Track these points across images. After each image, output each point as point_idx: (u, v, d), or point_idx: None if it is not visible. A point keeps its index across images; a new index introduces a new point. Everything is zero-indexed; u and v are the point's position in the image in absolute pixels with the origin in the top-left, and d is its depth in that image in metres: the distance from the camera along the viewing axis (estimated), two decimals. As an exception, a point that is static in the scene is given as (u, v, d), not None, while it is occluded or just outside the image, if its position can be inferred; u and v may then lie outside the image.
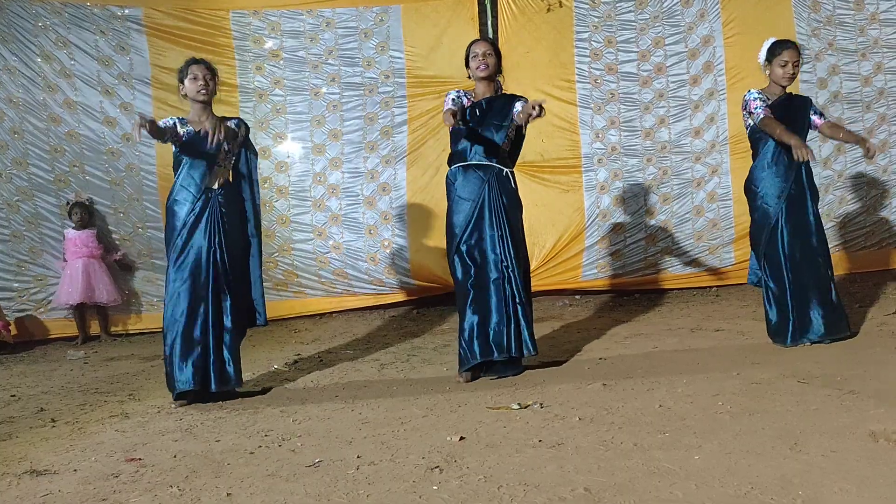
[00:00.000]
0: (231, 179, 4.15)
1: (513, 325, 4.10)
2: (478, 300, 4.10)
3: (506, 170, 4.21)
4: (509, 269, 4.12)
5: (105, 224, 6.29)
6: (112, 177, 6.28)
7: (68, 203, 6.11)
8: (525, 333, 4.12)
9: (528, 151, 6.56)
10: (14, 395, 4.36)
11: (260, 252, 4.25)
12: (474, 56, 4.20)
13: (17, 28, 6.07)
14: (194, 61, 4.08)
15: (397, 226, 6.61)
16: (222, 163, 4.06)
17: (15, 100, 6.10)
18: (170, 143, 4.01)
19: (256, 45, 6.48)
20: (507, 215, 4.17)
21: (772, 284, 4.46)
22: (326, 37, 6.54)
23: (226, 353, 3.99)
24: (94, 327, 6.19)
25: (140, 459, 2.97)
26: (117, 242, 6.30)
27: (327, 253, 6.58)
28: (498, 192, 4.17)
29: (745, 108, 4.51)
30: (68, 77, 6.18)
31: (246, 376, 4.52)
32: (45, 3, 6.11)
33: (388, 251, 6.61)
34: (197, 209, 3.97)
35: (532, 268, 6.58)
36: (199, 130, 3.96)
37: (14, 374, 5.05)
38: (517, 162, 6.55)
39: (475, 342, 4.06)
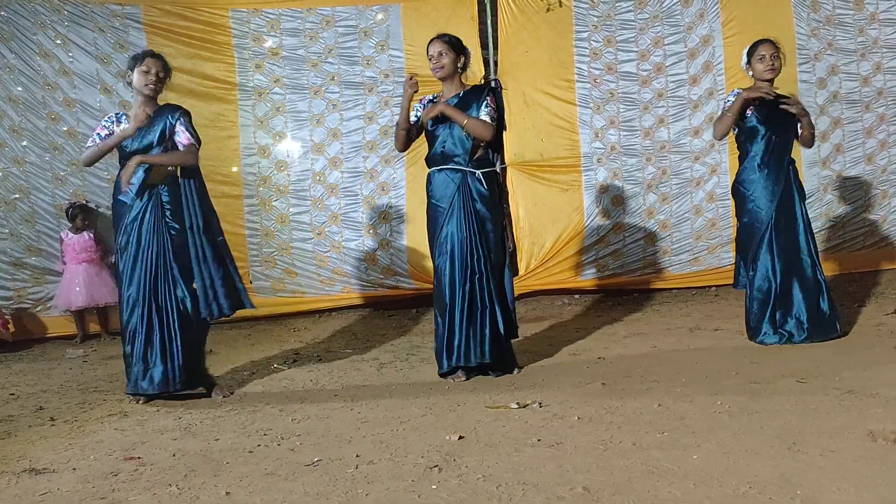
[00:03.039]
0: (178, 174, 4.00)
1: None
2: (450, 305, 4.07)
3: (477, 172, 4.11)
4: (476, 275, 4.08)
5: (104, 224, 6.28)
6: (111, 176, 6.26)
7: (71, 205, 6.09)
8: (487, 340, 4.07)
9: (527, 150, 6.61)
10: (13, 394, 4.35)
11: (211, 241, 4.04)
12: (430, 58, 4.16)
13: (17, 26, 6.06)
14: (151, 54, 4.02)
15: (396, 225, 6.61)
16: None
17: (14, 98, 6.09)
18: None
19: (256, 44, 6.48)
20: (477, 218, 4.09)
21: (759, 284, 4.46)
22: (326, 35, 6.53)
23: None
24: (94, 326, 6.18)
25: (139, 458, 2.97)
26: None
27: (327, 252, 6.58)
28: (469, 195, 4.09)
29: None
30: (67, 75, 6.18)
31: (245, 375, 4.53)
32: (44, 1, 6.11)
33: (387, 251, 6.60)
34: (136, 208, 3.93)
35: (531, 267, 6.62)
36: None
37: (13, 372, 5.05)
38: (516, 161, 6.65)
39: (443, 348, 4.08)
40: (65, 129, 6.18)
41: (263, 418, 3.51)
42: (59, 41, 6.15)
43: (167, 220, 3.95)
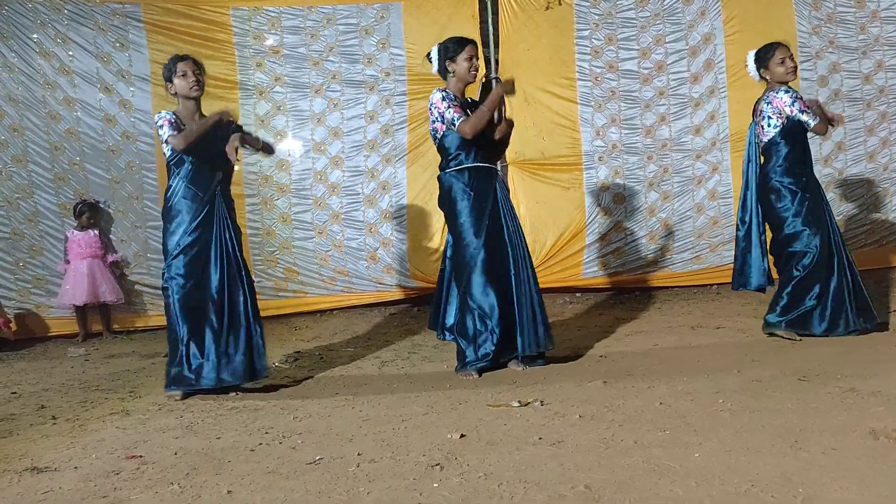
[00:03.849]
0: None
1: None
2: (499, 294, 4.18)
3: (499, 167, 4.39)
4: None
5: (108, 224, 6.29)
6: (112, 175, 6.28)
7: (80, 202, 6.09)
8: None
9: (528, 149, 6.60)
10: (15, 392, 4.36)
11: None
12: (468, 59, 4.23)
13: (17, 25, 6.06)
14: (179, 58, 4.05)
15: (398, 224, 6.61)
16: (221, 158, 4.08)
17: (14, 97, 6.09)
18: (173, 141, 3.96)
19: (257, 42, 6.47)
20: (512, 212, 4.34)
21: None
22: (327, 33, 6.53)
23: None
24: (95, 325, 6.19)
25: (141, 456, 2.97)
26: (114, 241, 6.29)
27: (328, 251, 6.58)
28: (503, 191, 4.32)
29: (782, 109, 4.48)
30: (67, 74, 6.17)
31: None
32: (44, 0, 6.11)
33: (388, 249, 6.60)
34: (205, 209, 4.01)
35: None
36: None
37: (15, 371, 5.06)
38: (517, 159, 6.66)
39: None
40: (65, 128, 6.18)
41: (265, 417, 3.51)
42: (59, 40, 6.15)
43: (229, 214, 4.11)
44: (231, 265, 4.03)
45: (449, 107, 4.17)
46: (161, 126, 3.97)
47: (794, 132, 4.51)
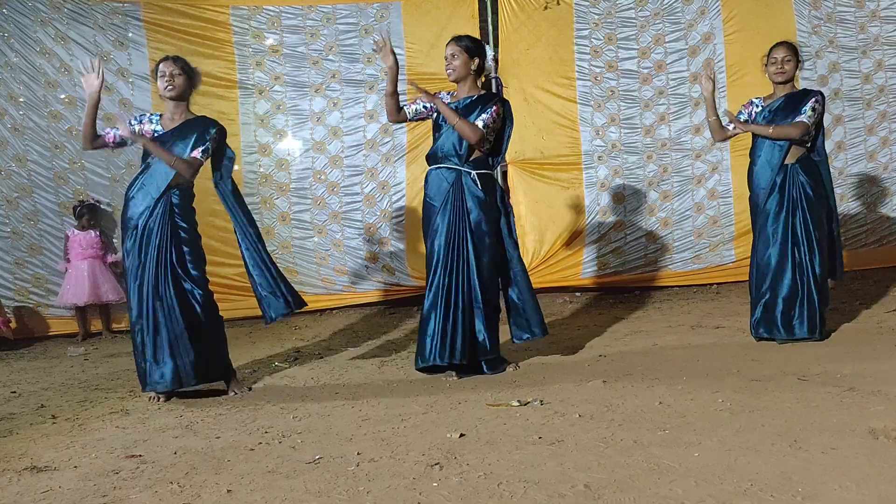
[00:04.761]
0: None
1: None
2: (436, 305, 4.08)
3: (473, 173, 4.11)
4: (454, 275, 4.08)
5: (109, 224, 6.29)
6: (112, 174, 6.28)
7: (80, 203, 6.09)
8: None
9: (528, 148, 6.60)
10: (14, 392, 4.35)
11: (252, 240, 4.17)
12: (445, 59, 4.18)
13: (17, 24, 6.06)
14: (164, 58, 4.04)
15: (397, 224, 6.61)
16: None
17: (15, 96, 6.09)
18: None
19: (256, 41, 6.47)
20: (469, 218, 4.09)
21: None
22: (327, 33, 6.53)
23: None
24: (95, 324, 6.19)
25: (140, 456, 2.97)
26: (115, 240, 6.29)
27: (327, 251, 6.58)
28: (461, 194, 4.09)
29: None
30: (68, 73, 6.17)
31: (246, 373, 4.53)
32: (44, -1, 6.12)
33: (387, 249, 6.60)
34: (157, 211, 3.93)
35: (533, 265, 6.61)
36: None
37: (14, 370, 5.05)
38: (517, 159, 6.65)
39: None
40: (66, 127, 6.17)
41: (264, 416, 3.51)
42: (59, 39, 6.15)
43: (176, 220, 3.96)
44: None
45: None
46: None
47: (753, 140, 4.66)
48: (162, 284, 3.88)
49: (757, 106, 4.62)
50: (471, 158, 4.14)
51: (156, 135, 3.98)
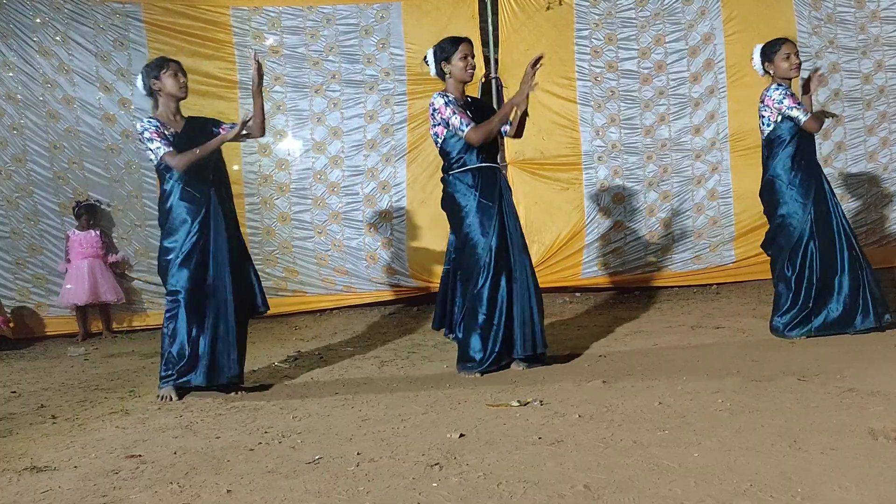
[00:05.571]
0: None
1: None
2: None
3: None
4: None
5: (110, 224, 6.29)
6: (112, 174, 6.28)
7: (78, 204, 6.10)
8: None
9: (528, 149, 6.60)
10: (14, 392, 4.36)
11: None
12: (464, 58, 4.22)
13: (16, 24, 6.06)
14: (170, 59, 4.12)
15: (397, 224, 6.61)
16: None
17: (14, 96, 6.09)
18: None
19: (257, 41, 6.47)
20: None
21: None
22: (327, 33, 6.53)
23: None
24: (96, 324, 6.19)
25: (140, 456, 2.97)
26: (115, 240, 6.29)
27: (328, 251, 6.58)
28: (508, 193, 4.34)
29: (772, 107, 4.52)
30: (67, 73, 6.17)
31: (246, 373, 4.53)
32: (44, -1, 6.12)
33: (388, 249, 6.60)
34: (203, 210, 4.01)
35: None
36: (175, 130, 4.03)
37: (14, 370, 5.05)
38: (516, 159, 6.66)
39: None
40: (64, 127, 6.17)
41: (264, 416, 3.51)
42: (58, 39, 6.15)
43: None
44: (233, 263, 4.05)
45: (454, 112, 4.16)
46: (150, 140, 3.99)
47: (788, 128, 4.54)
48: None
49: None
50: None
51: (175, 136, 4.03)
